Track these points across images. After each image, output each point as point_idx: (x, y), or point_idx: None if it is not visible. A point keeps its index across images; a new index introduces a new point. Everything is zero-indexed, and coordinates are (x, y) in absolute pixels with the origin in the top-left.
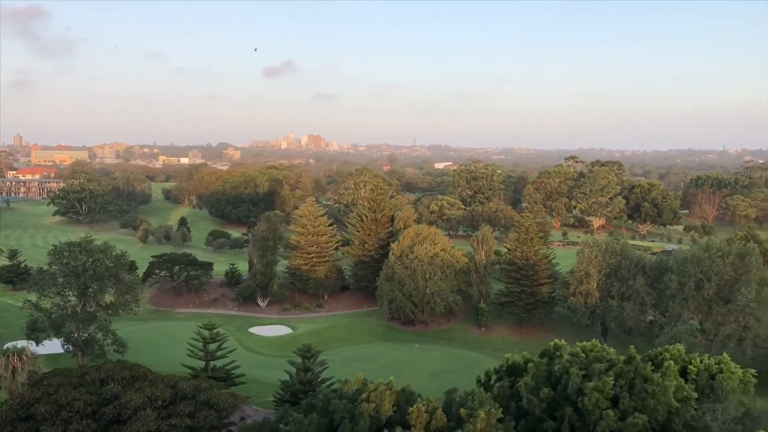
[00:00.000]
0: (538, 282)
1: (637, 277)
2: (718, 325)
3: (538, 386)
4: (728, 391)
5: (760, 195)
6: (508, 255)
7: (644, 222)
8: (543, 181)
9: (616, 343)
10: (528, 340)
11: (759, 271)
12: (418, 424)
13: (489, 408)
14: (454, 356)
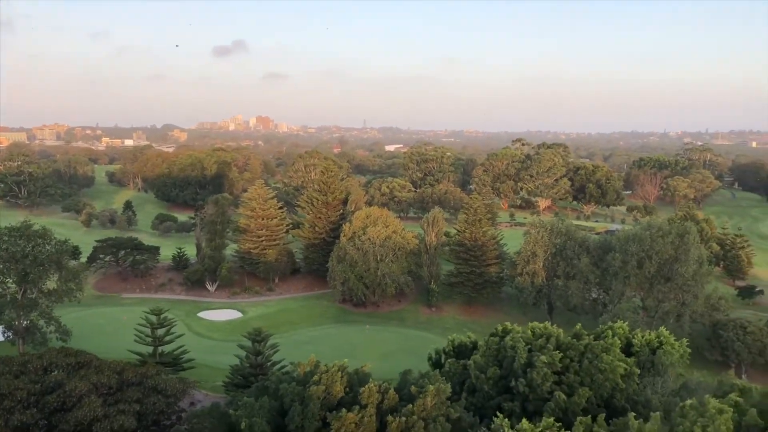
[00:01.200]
0: (487, 262)
1: (582, 256)
2: (658, 302)
3: (486, 364)
4: (668, 365)
5: (699, 176)
6: (457, 236)
7: (589, 203)
8: (491, 164)
9: (561, 321)
10: (477, 320)
11: (697, 249)
12: (370, 403)
13: (438, 384)
14: (406, 337)
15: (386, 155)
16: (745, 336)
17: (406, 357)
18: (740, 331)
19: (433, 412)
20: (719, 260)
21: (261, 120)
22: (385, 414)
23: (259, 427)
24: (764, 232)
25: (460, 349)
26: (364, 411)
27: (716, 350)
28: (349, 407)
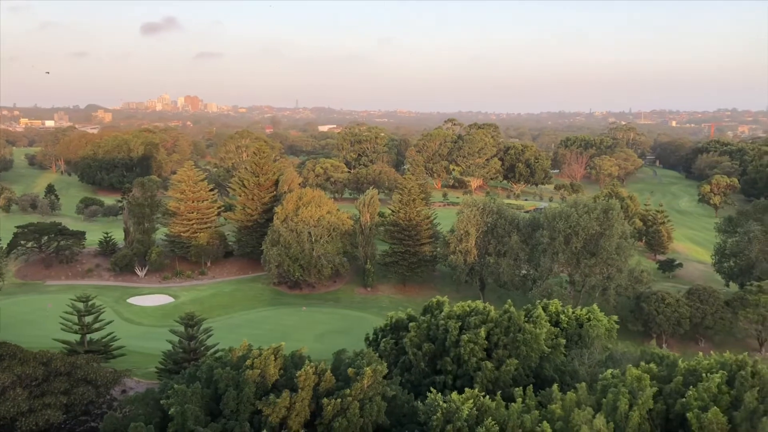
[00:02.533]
0: (421, 242)
1: (512, 234)
2: (585, 276)
3: (420, 341)
4: (594, 338)
5: (623, 154)
6: (392, 216)
7: (518, 182)
8: (424, 144)
9: (493, 297)
10: (412, 298)
11: (620, 225)
12: (306, 386)
13: (375, 365)
14: (341, 317)
15: (320, 135)
16: (665, 308)
17: (343, 337)
18: (661, 303)
19: (370, 392)
20: (642, 235)
21: (189, 100)
22: (321, 396)
23: (191, 413)
24: (683, 207)
25: (397, 327)
26: (297, 395)
27: (639, 322)
28: (283, 390)
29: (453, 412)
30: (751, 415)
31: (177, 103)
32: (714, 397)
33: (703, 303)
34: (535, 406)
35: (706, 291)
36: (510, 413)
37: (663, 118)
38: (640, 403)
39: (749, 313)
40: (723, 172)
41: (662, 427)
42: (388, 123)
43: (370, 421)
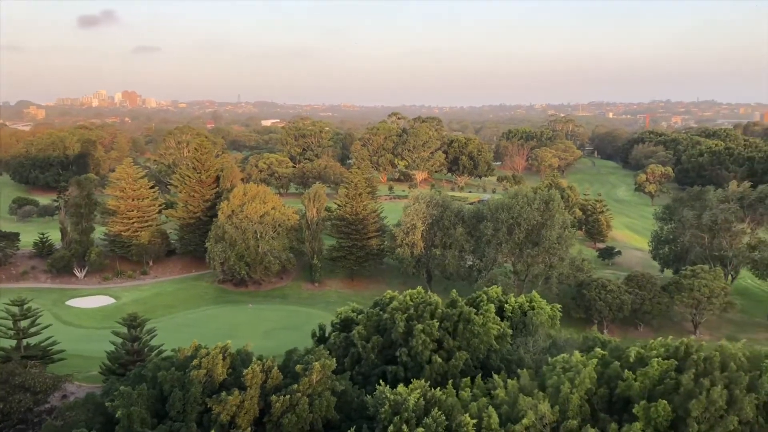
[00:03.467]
0: (368, 236)
1: (458, 226)
2: (527, 266)
3: (369, 334)
4: (538, 325)
5: (562, 146)
6: (338, 211)
7: (462, 174)
8: (369, 138)
9: (440, 288)
10: (360, 292)
11: (561, 215)
12: (254, 384)
13: (324, 360)
14: (289, 313)
15: (263, 130)
16: (606, 294)
17: (290, 333)
18: (601, 290)
19: (319, 388)
20: (582, 224)
21: (127, 95)
22: (269, 393)
23: (137, 415)
24: (621, 196)
25: (346, 322)
26: (246, 393)
27: (581, 308)
28: (232, 389)
29: (400, 404)
30: (688, 395)
31: (114, 98)
32: (656, 381)
33: (642, 289)
34: (483, 394)
35: (644, 277)
36: (456, 402)
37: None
38: (577, 384)
39: (684, 297)
40: (658, 161)
41: (606, 410)
42: (333, 117)
43: (320, 416)
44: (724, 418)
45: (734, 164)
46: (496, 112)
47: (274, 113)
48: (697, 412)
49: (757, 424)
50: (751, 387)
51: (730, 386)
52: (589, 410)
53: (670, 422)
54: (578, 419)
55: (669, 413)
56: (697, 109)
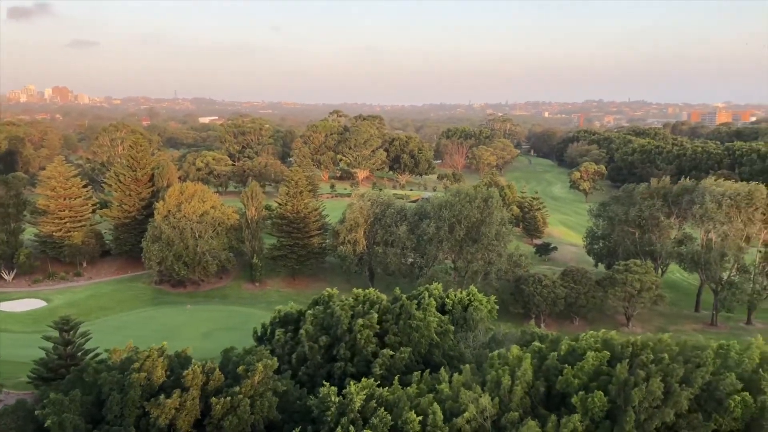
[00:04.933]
0: (309, 234)
1: (399, 224)
2: (467, 262)
3: (317, 334)
4: (478, 320)
5: (500, 144)
6: (279, 209)
7: (403, 172)
8: (310, 135)
9: (382, 286)
10: (302, 291)
11: (499, 212)
12: (194, 386)
13: (266, 361)
14: (229, 314)
15: (201, 128)
16: (543, 289)
17: (231, 334)
18: (539, 284)
19: (260, 389)
20: (519, 221)
21: (58, 91)
22: (210, 395)
23: (70, 422)
24: (556, 194)
25: (287, 320)
26: (186, 395)
27: (519, 303)
28: (171, 392)
29: (347, 405)
30: (624, 386)
31: (44, 94)
32: (591, 374)
33: (577, 283)
34: (428, 390)
35: (579, 272)
36: (402, 395)
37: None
38: (520, 376)
39: (617, 291)
40: (592, 159)
41: (544, 402)
42: (273, 114)
43: (261, 417)
44: (661, 409)
45: (664, 162)
46: (436, 110)
47: (212, 110)
48: (637, 401)
49: (695, 418)
50: (686, 380)
51: (666, 378)
52: (529, 403)
53: (605, 413)
54: (519, 411)
55: (605, 403)
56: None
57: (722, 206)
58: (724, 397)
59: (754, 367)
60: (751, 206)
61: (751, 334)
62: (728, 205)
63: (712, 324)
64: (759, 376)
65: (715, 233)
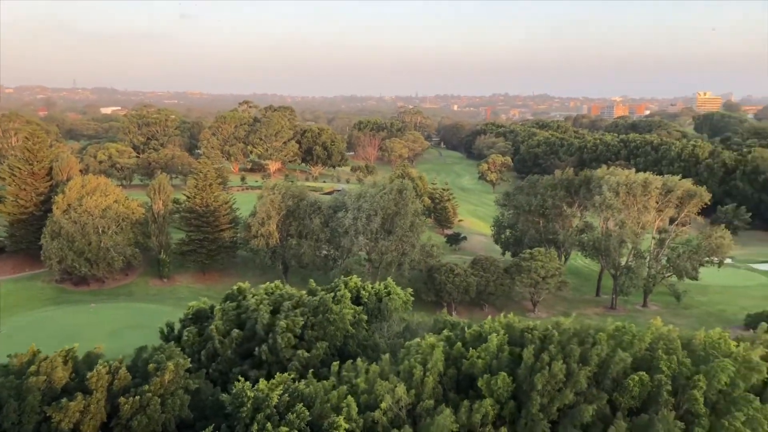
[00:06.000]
0: (220, 228)
1: (313, 216)
2: (382, 254)
3: (228, 329)
4: (392, 311)
5: (411, 137)
6: (187, 203)
7: (316, 164)
8: (219, 126)
9: (296, 279)
10: (213, 286)
11: (413, 204)
12: (100, 387)
13: (177, 359)
14: (136, 311)
15: (102, 118)
16: (454, 278)
17: (139, 332)
18: (450, 273)
19: (171, 387)
20: (431, 212)
21: None
22: (117, 396)
23: None
24: (465, 185)
25: (199, 316)
26: (91, 397)
27: (432, 292)
28: (75, 394)
29: (262, 400)
30: (530, 370)
31: None
32: (495, 357)
33: (486, 271)
34: (344, 382)
35: (488, 260)
36: (319, 389)
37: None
38: (430, 367)
39: (524, 278)
40: (499, 151)
41: (454, 389)
42: (179, 105)
43: (173, 417)
44: (562, 391)
45: (566, 154)
46: (348, 102)
47: (114, 100)
48: (540, 385)
49: (590, 394)
50: (583, 359)
51: (566, 360)
52: (441, 391)
53: (511, 394)
54: (433, 400)
55: (509, 384)
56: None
57: (619, 195)
58: (621, 376)
59: (647, 346)
60: (645, 195)
61: (646, 316)
62: (625, 193)
63: (612, 307)
64: (654, 355)
65: (613, 221)
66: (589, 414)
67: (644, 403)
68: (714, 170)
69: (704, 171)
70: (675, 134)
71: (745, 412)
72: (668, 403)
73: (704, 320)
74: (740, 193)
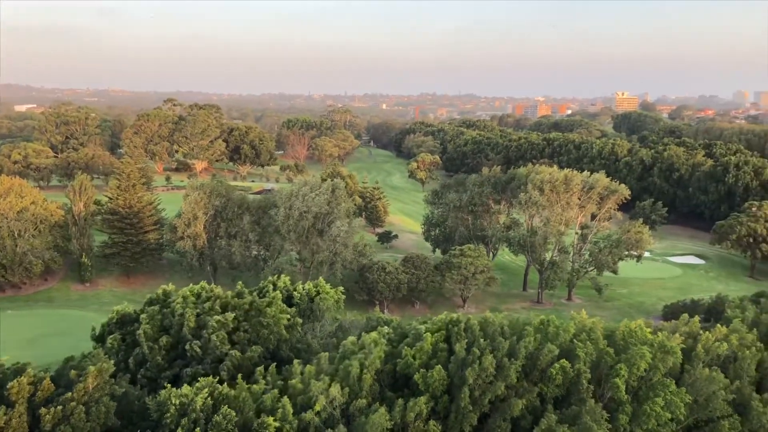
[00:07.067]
0: (144, 230)
1: (243, 216)
2: (313, 253)
3: (156, 334)
4: (324, 310)
5: (341, 135)
6: (109, 204)
7: (244, 163)
8: (142, 125)
9: (226, 280)
10: (138, 290)
11: (345, 203)
12: (20, 398)
13: (101, 364)
14: (58, 318)
15: (16, 116)
16: (386, 276)
17: (61, 339)
18: (382, 272)
19: (96, 394)
20: (362, 211)
21: None
22: (38, 407)
23: None
24: (396, 183)
25: (124, 321)
26: (12, 411)
27: (364, 291)
28: None
29: (187, 405)
30: (462, 363)
31: None
32: (430, 354)
33: (417, 269)
34: (278, 384)
35: (418, 258)
36: (246, 396)
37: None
38: (368, 365)
39: (454, 274)
40: (427, 150)
41: (391, 385)
42: (100, 103)
43: (98, 424)
44: (494, 384)
45: (493, 152)
46: (276, 100)
47: (29, 97)
48: (471, 379)
49: (521, 387)
50: (512, 352)
51: (495, 353)
52: (378, 388)
53: (446, 388)
54: (368, 398)
55: (444, 378)
56: (459, 101)
57: (544, 192)
58: (546, 366)
59: (571, 338)
60: (568, 192)
61: (571, 309)
62: (549, 190)
63: (539, 301)
64: (575, 345)
65: (538, 218)
66: (518, 408)
67: (568, 391)
68: (632, 167)
69: (623, 168)
70: (595, 133)
71: (664, 396)
72: (588, 391)
73: (625, 312)
74: (657, 188)
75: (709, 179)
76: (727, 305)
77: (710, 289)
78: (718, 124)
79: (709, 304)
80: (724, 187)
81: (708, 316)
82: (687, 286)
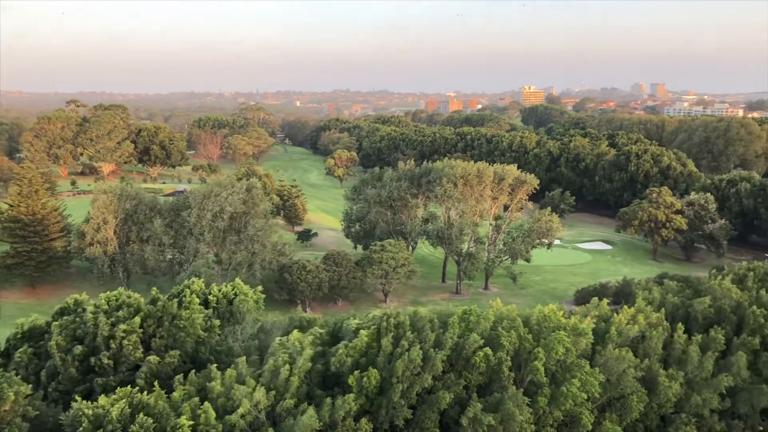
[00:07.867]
0: (50, 237)
1: (155, 219)
2: (231, 254)
3: (69, 345)
4: (245, 312)
5: (255, 134)
6: (10, 212)
7: (154, 164)
8: (43, 128)
9: (142, 287)
10: (46, 300)
11: (263, 202)
12: None
13: (17, 387)
14: None
15: None
16: (306, 275)
17: None
18: (302, 271)
19: (8, 417)
20: (280, 210)
21: None
22: None
23: None
24: (313, 181)
25: (32, 334)
26: None
27: (284, 291)
28: None
29: (102, 416)
30: (390, 357)
31: None
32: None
33: (338, 266)
34: (197, 391)
35: (339, 255)
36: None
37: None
38: (300, 366)
39: (375, 269)
40: (344, 147)
41: (320, 385)
42: None
43: None
44: (421, 376)
45: (408, 147)
46: (185, 99)
47: None
48: (401, 371)
49: (449, 380)
50: (438, 343)
51: (422, 345)
52: (306, 389)
53: (380, 389)
54: (295, 399)
55: (378, 379)
56: (373, 98)
57: (458, 186)
58: (470, 354)
59: (491, 326)
60: (481, 184)
61: (489, 298)
62: (462, 184)
63: (457, 292)
64: (497, 333)
65: (454, 210)
66: (446, 401)
67: (490, 379)
68: (541, 158)
69: (532, 160)
70: (505, 126)
71: (579, 377)
72: (510, 378)
73: (539, 298)
74: (565, 178)
75: (613, 168)
76: (633, 287)
77: (617, 272)
78: (619, 115)
79: (616, 287)
80: (627, 175)
81: (617, 299)
82: (596, 270)
